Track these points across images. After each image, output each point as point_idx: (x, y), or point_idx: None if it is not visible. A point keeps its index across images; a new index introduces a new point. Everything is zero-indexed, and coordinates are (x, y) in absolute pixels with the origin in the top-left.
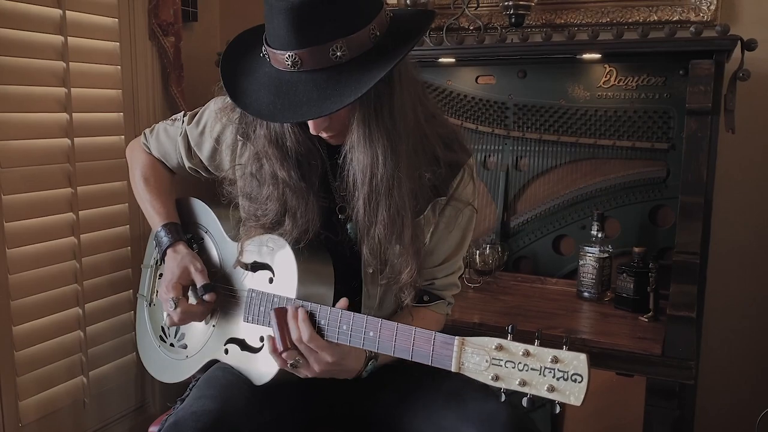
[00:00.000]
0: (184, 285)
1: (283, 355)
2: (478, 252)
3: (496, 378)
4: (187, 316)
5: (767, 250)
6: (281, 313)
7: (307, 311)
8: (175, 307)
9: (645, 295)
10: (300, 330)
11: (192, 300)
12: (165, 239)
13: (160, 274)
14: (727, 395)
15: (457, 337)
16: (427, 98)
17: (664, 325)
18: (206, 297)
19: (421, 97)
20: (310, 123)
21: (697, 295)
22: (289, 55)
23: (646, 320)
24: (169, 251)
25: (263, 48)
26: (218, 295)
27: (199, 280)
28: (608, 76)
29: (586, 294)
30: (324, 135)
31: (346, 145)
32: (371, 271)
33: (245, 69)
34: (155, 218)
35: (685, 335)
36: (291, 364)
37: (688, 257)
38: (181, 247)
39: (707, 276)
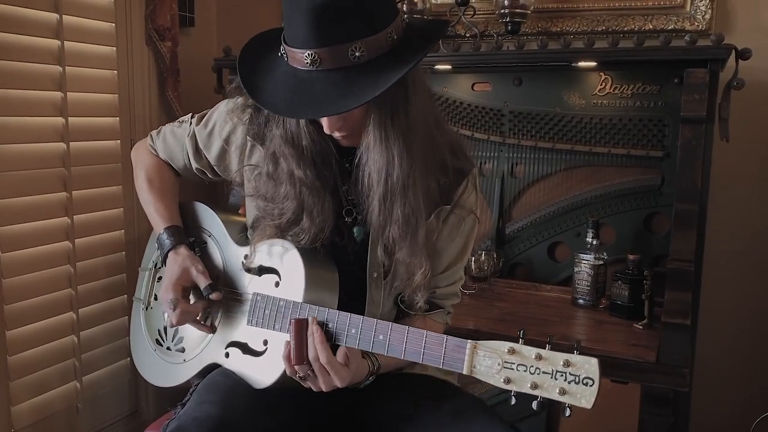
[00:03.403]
0: (185, 286)
1: (296, 367)
2: (473, 258)
3: (508, 381)
4: (186, 317)
5: (761, 258)
6: (301, 326)
7: (322, 330)
8: (174, 308)
9: (640, 302)
10: (318, 351)
11: (192, 301)
12: (167, 242)
13: (160, 278)
14: (722, 402)
15: (469, 341)
16: (436, 106)
17: (659, 333)
18: (212, 296)
19: (431, 104)
20: (324, 122)
21: (692, 303)
22: (308, 54)
23: (641, 327)
24: (170, 254)
25: (281, 47)
26: (222, 295)
27: (202, 281)
28: (603, 83)
29: (581, 301)
30: (337, 135)
31: (361, 147)
32: (375, 275)
33: (263, 68)
34: (158, 221)
35: (679, 342)
36: (300, 377)
37: (683, 264)
38: (183, 250)
39: (702, 283)
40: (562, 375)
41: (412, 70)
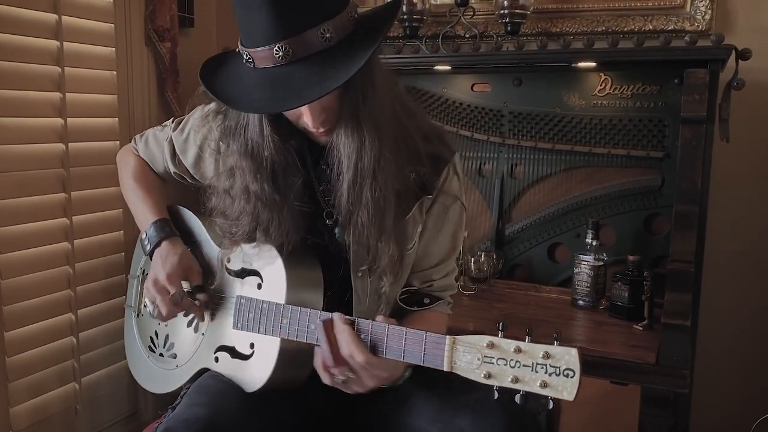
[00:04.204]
0: (182, 280)
1: (333, 371)
2: (473, 259)
3: (489, 376)
4: (185, 309)
5: (762, 258)
6: (329, 326)
7: (351, 326)
8: (181, 299)
9: (639, 303)
10: (350, 349)
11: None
12: (156, 235)
13: None
14: (722, 403)
15: (448, 336)
16: (404, 95)
17: (659, 334)
18: (199, 296)
19: (397, 91)
20: (308, 117)
21: (692, 304)
22: (279, 47)
23: (641, 328)
24: (164, 243)
25: (245, 54)
26: (209, 299)
27: (195, 280)
28: (603, 84)
29: (580, 302)
30: (321, 130)
31: (334, 133)
32: (360, 274)
33: (229, 80)
34: (147, 214)
35: (679, 344)
36: (341, 381)
37: (683, 266)
38: (179, 242)
39: (702, 284)
40: (542, 367)
41: (372, 57)
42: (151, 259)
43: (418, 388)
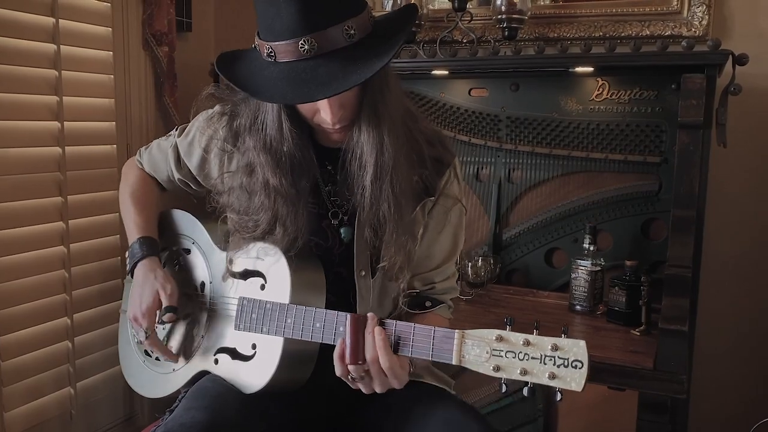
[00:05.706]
0: (157, 310)
1: (350, 367)
2: (470, 264)
3: (497, 369)
4: (153, 348)
5: (759, 264)
6: (358, 324)
7: (383, 328)
8: (146, 337)
9: (637, 308)
10: (378, 354)
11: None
12: (138, 252)
13: None
14: (720, 409)
15: (456, 330)
16: (407, 99)
17: (656, 339)
18: (165, 317)
19: (403, 95)
20: (327, 111)
21: (690, 309)
22: (305, 41)
23: (638, 334)
24: (140, 265)
25: (266, 48)
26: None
27: (165, 302)
28: (601, 89)
29: (578, 307)
30: (337, 126)
31: (353, 129)
32: (363, 273)
33: (250, 73)
34: (133, 231)
35: (677, 349)
36: (352, 377)
37: (681, 270)
38: (154, 264)
39: (699, 289)
40: (551, 359)
41: (402, 45)
42: (131, 278)
43: (419, 408)
